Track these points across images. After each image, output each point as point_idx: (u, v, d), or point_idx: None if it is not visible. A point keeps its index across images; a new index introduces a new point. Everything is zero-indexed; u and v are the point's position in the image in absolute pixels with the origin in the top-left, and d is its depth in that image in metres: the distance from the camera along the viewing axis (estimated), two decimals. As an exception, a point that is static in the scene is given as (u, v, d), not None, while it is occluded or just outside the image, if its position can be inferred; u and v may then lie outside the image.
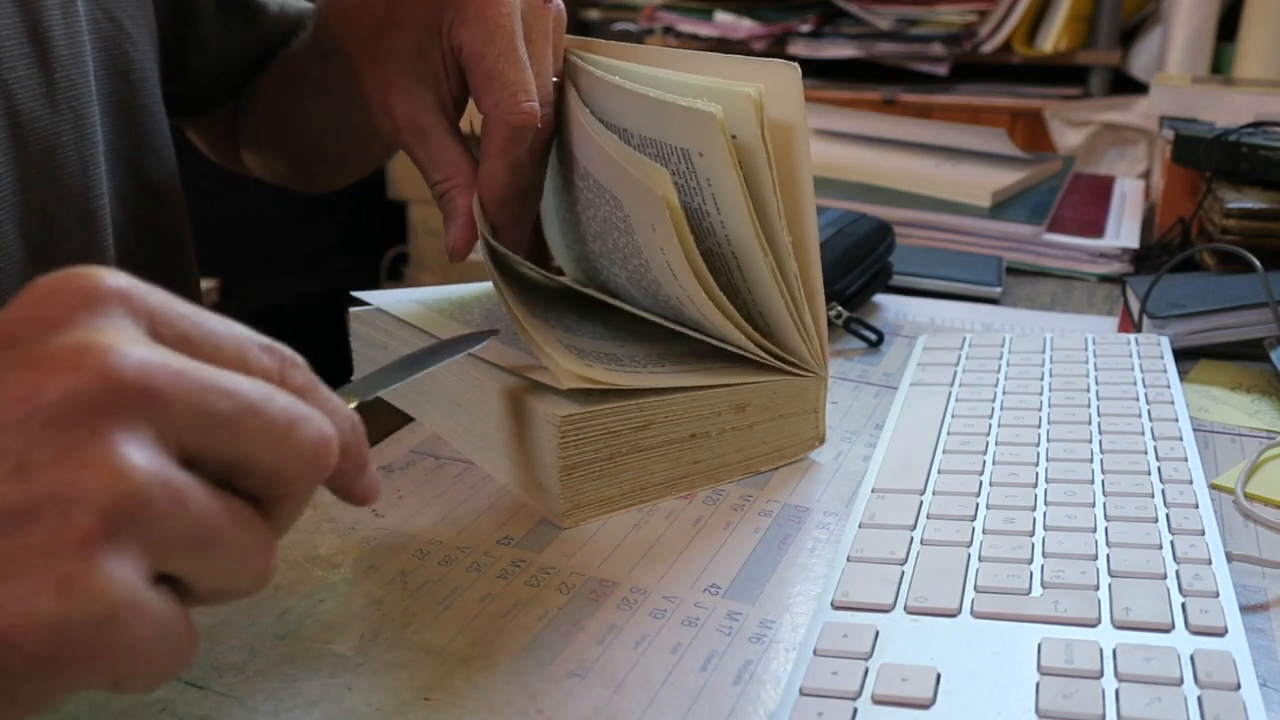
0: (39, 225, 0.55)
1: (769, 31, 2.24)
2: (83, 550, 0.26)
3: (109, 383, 0.27)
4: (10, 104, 0.53)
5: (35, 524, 0.26)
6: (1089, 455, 0.52)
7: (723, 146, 0.47)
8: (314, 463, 0.30)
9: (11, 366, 0.27)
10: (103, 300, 0.28)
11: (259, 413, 0.29)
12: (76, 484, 0.26)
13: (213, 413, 0.28)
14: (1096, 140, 1.99)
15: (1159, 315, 0.70)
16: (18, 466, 0.26)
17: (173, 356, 0.28)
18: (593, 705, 0.38)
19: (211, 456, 0.29)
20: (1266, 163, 0.83)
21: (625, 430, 0.49)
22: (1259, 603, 0.44)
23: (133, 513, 0.26)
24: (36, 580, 0.25)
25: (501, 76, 0.52)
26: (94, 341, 0.27)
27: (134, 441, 0.27)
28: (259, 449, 0.29)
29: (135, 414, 0.27)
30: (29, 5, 0.54)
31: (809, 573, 0.46)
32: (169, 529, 0.27)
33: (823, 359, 0.54)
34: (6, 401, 0.26)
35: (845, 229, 0.78)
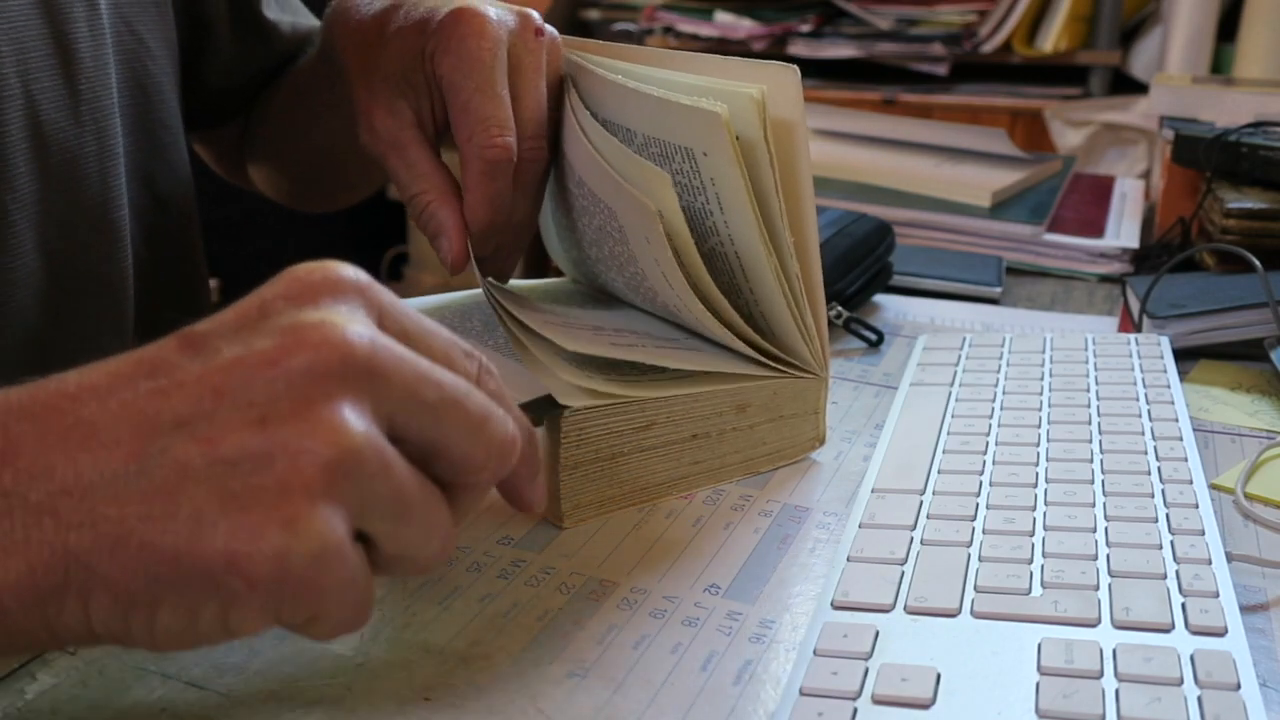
0: (57, 234, 0.55)
1: (769, 31, 2.24)
2: (306, 495, 0.29)
3: (343, 355, 0.30)
4: (34, 114, 0.53)
5: (269, 467, 0.29)
6: (1089, 455, 0.52)
7: (728, 146, 0.47)
8: (500, 456, 0.34)
9: (266, 333, 0.31)
10: (345, 289, 0.33)
11: (459, 404, 0.33)
12: (307, 437, 0.30)
13: (421, 397, 0.32)
14: (1096, 140, 1.99)
15: (1159, 315, 0.70)
16: (261, 417, 0.30)
17: (396, 344, 0.32)
18: (593, 705, 0.38)
19: (415, 436, 0.32)
20: (1266, 163, 0.83)
21: (627, 430, 0.49)
22: (1259, 603, 0.44)
23: (349, 469, 0.30)
24: (265, 515, 0.29)
25: (476, 111, 0.52)
26: (335, 321, 0.31)
27: (356, 409, 0.30)
28: (455, 435, 0.33)
29: (360, 386, 0.31)
30: (56, 17, 0.54)
31: (809, 573, 0.46)
32: (375, 490, 0.31)
33: (824, 359, 0.54)
34: (258, 362, 0.30)
35: (845, 229, 0.78)
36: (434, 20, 0.54)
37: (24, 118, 0.52)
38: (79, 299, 0.57)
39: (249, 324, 0.32)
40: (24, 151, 0.52)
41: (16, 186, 0.52)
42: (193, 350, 0.31)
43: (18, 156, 0.52)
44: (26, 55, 0.52)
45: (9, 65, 0.51)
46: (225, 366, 0.31)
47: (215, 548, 0.29)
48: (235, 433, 0.30)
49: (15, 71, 0.52)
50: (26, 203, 0.53)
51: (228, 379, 0.30)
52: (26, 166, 0.53)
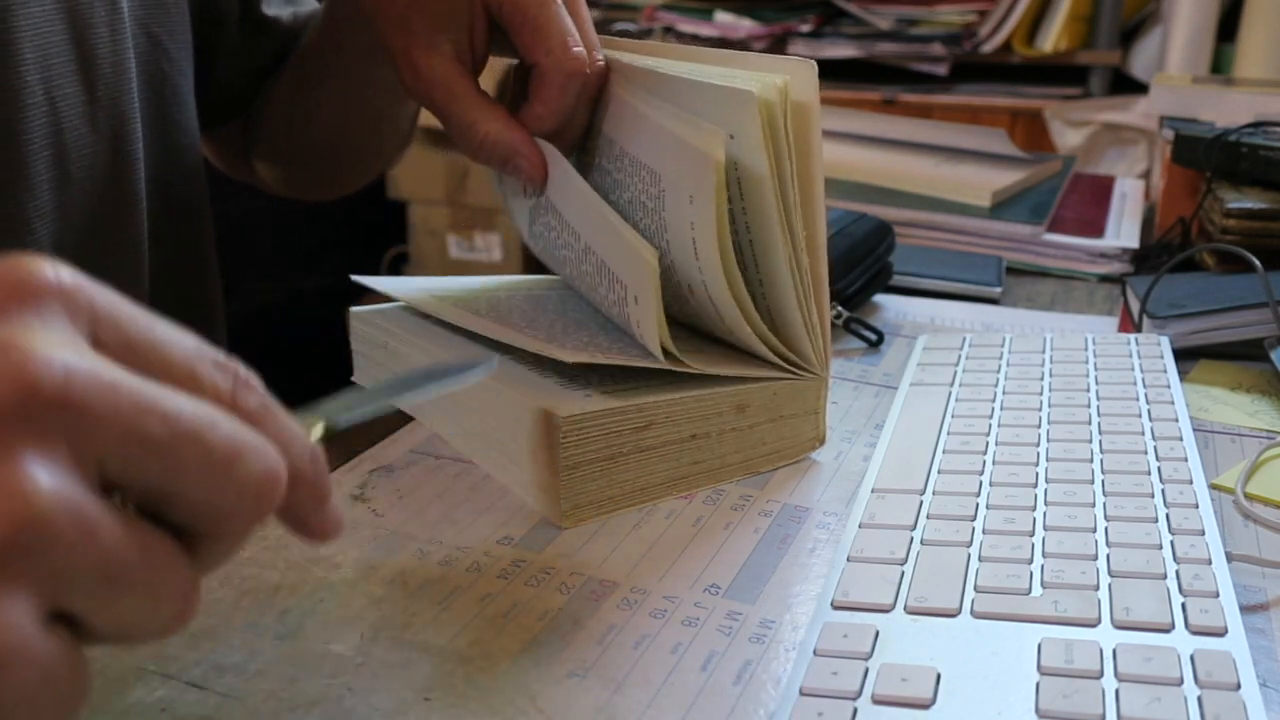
0: (75, 242, 0.55)
1: (769, 31, 2.24)
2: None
3: (25, 391, 0.23)
4: (56, 121, 0.53)
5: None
6: (1089, 455, 0.52)
7: (758, 127, 0.47)
8: (255, 500, 0.27)
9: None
10: (39, 295, 0.25)
11: (198, 440, 0.26)
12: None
13: (144, 436, 0.25)
14: (1096, 140, 1.99)
15: (1159, 315, 0.70)
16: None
17: (106, 367, 0.25)
18: (593, 705, 0.38)
19: (137, 484, 0.26)
20: (1266, 163, 0.83)
21: (626, 430, 0.49)
22: (1259, 603, 0.44)
23: (31, 544, 0.23)
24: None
25: (548, 26, 0.52)
26: (15, 342, 0.24)
27: (43, 462, 0.23)
28: (193, 481, 0.26)
29: (50, 429, 0.24)
30: (78, 22, 0.54)
31: (809, 573, 0.46)
32: (72, 563, 0.24)
33: (825, 359, 0.54)
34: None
35: (845, 229, 0.78)
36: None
37: (46, 125, 0.52)
38: None
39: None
40: (45, 159, 0.53)
41: (37, 194, 0.52)
42: None
43: (39, 164, 0.52)
44: (49, 61, 0.52)
45: (33, 73, 0.51)
46: None
47: None
48: None
49: (40, 79, 0.52)
50: (46, 210, 0.53)
51: None
52: (47, 174, 0.53)
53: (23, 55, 0.51)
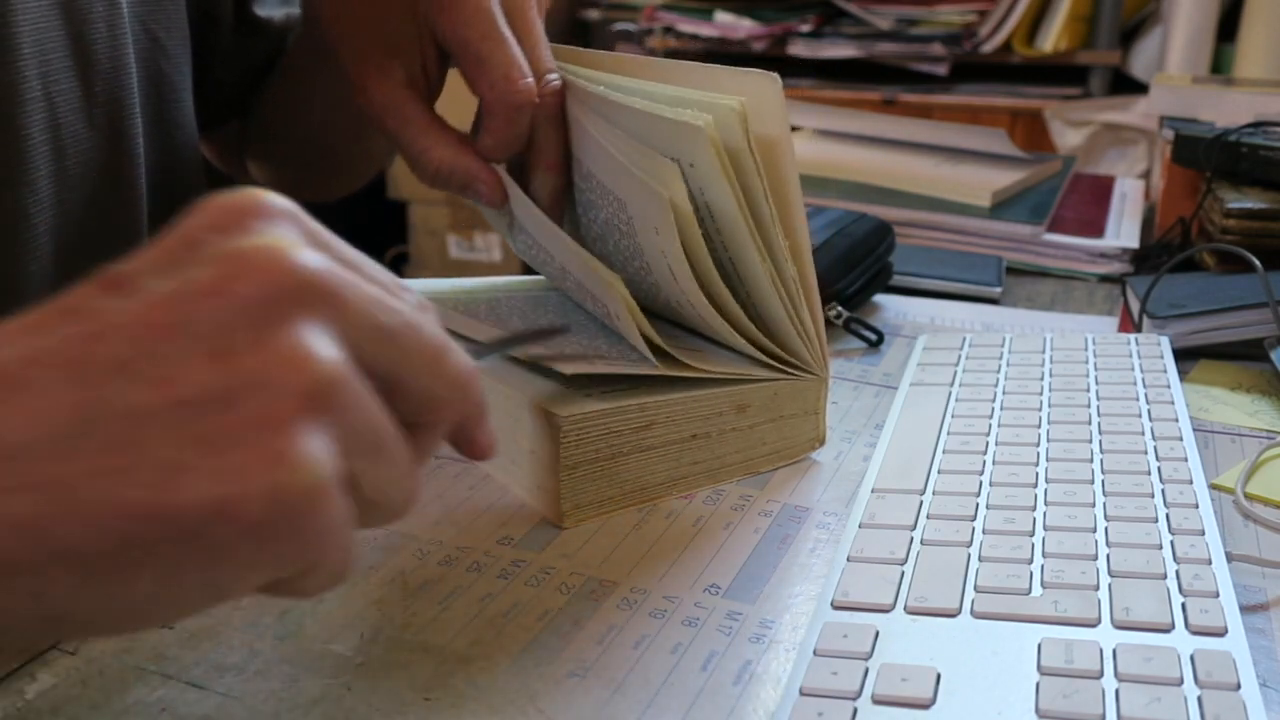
0: (74, 237, 0.55)
1: (769, 31, 2.24)
2: (288, 428, 0.26)
3: (296, 278, 0.27)
4: (54, 117, 0.53)
5: (237, 404, 0.26)
6: (1089, 455, 0.52)
7: (713, 158, 0.47)
8: (462, 391, 0.32)
9: (199, 263, 0.28)
10: (274, 213, 0.29)
11: (417, 332, 0.30)
12: (275, 368, 0.26)
13: (380, 324, 0.29)
14: (1096, 140, 2.00)
15: (1159, 315, 0.70)
16: (214, 351, 0.26)
17: (346, 267, 0.29)
18: (593, 705, 0.38)
19: (377, 367, 0.29)
20: (1266, 163, 0.83)
21: (626, 430, 0.49)
22: (1259, 603, 0.44)
23: (326, 399, 0.27)
24: (248, 454, 0.26)
25: (491, 58, 0.52)
26: (279, 242, 0.28)
27: (321, 333, 0.27)
28: (416, 367, 0.30)
29: (319, 310, 0.28)
30: (75, 17, 0.54)
31: (809, 573, 0.46)
32: (352, 421, 0.28)
33: (823, 360, 0.54)
34: (199, 292, 0.27)
35: (845, 229, 0.78)
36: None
37: (44, 120, 0.52)
38: None
39: (175, 258, 0.28)
40: (44, 154, 0.53)
41: (37, 189, 0.52)
42: (116, 290, 0.27)
43: (38, 159, 0.52)
44: (47, 57, 0.52)
45: (31, 68, 0.51)
46: (161, 302, 0.27)
47: (196, 495, 0.25)
48: (190, 370, 0.26)
49: (37, 74, 0.52)
50: (45, 204, 0.53)
51: (168, 314, 0.27)
52: (45, 169, 0.53)
53: (20, 50, 0.51)
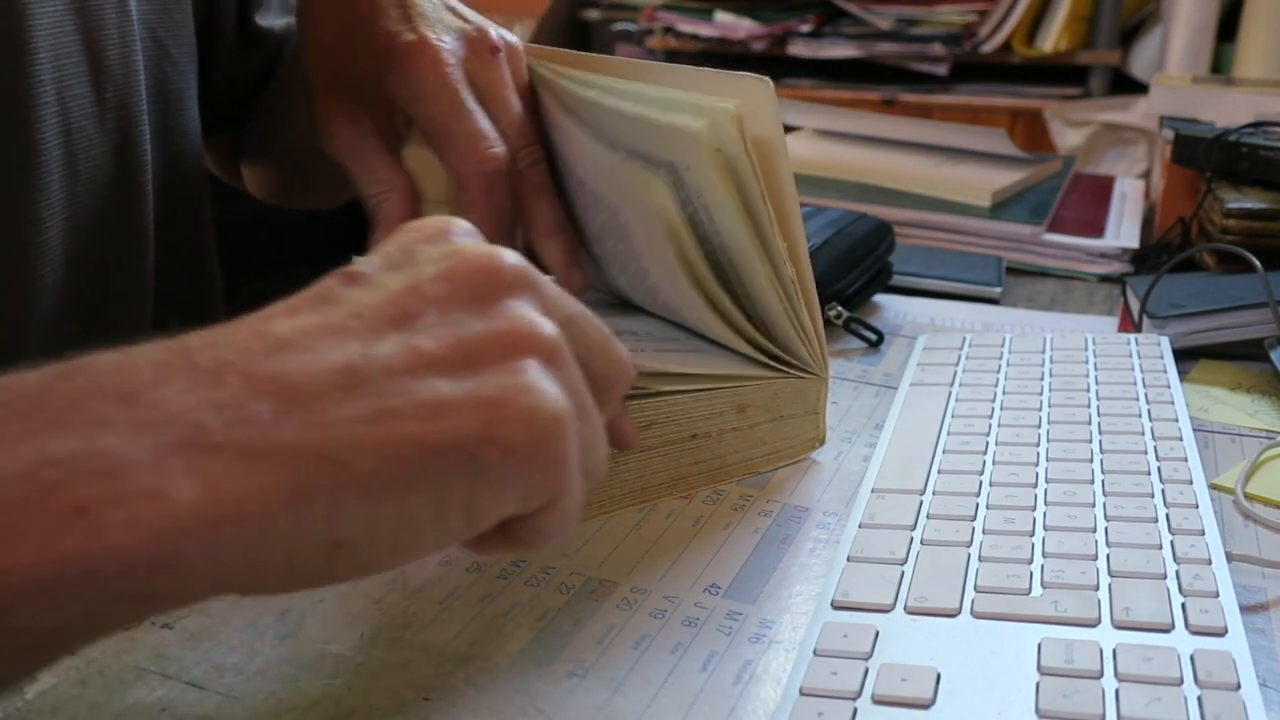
0: (84, 243, 0.55)
1: (769, 31, 2.24)
2: (532, 369, 0.31)
3: (507, 269, 0.33)
4: (66, 122, 0.53)
5: (484, 355, 0.31)
6: (1089, 455, 0.52)
7: (708, 163, 0.47)
8: (626, 374, 0.37)
9: (425, 262, 0.33)
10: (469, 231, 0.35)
11: (593, 321, 0.36)
12: (511, 333, 0.31)
13: (568, 311, 0.34)
14: (1096, 140, 1.99)
15: (1159, 315, 0.70)
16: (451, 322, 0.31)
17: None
18: (593, 705, 0.38)
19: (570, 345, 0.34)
20: (1266, 163, 0.83)
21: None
22: (1259, 603, 0.44)
23: (554, 356, 0.32)
24: (503, 386, 0.30)
25: (457, 131, 0.53)
26: (489, 248, 0.34)
27: (539, 310, 0.33)
28: (594, 349, 0.35)
29: (529, 295, 0.33)
30: (88, 23, 0.54)
31: (809, 573, 0.46)
32: (570, 380, 0.32)
33: (823, 360, 0.54)
34: (430, 279, 0.32)
35: (845, 229, 0.78)
36: (393, 51, 0.54)
37: (57, 124, 0.53)
38: (101, 308, 0.57)
39: (396, 261, 0.33)
40: (56, 158, 0.53)
41: (49, 192, 0.53)
42: (356, 282, 0.32)
43: (50, 162, 0.52)
44: (61, 62, 0.53)
45: (46, 72, 0.52)
46: (401, 288, 0.32)
47: (466, 421, 0.29)
48: (435, 335, 0.31)
49: (52, 79, 0.52)
50: (56, 208, 0.53)
51: (410, 297, 0.32)
52: (57, 173, 0.53)
53: (37, 54, 0.51)
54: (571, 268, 0.58)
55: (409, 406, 0.29)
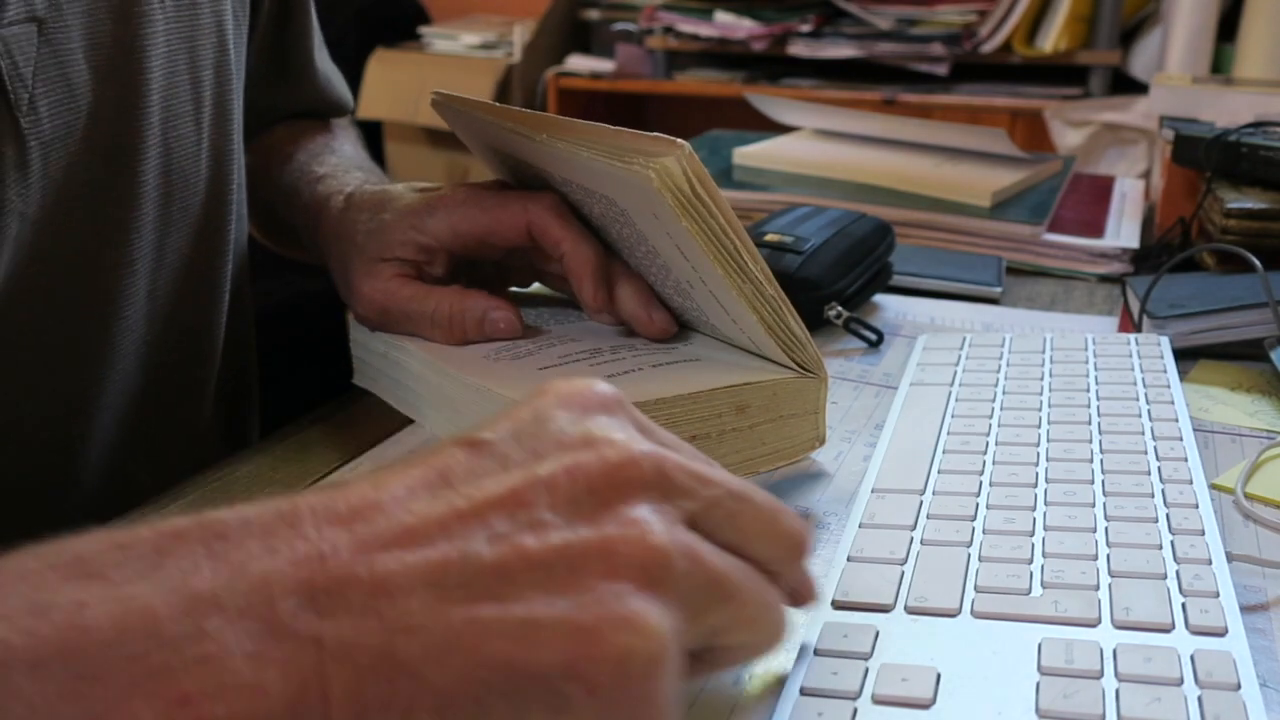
0: (167, 286, 0.57)
1: (769, 31, 2.24)
2: (635, 594, 0.29)
3: (634, 462, 0.31)
4: (167, 163, 0.54)
5: (587, 569, 0.29)
6: (1089, 455, 0.52)
7: (670, 207, 0.47)
8: (800, 546, 0.36)
9: (554, 445, 0.32)
10: (610, 404, 0.34)
11: (747, 499, 0.34)
12: (616, 541, 0.29)
13: (710, 497, 0.33)
14: (1096, 140, 2.00)
15: (1159, 315, 0.70)
16: (567, 523, 0.30)
17: (671, 452, 0.33)
18: (593, 705, 0.38)
19: (718, 537, 0.33)
20: (1266, 163, 0.83)
21: (625, 430, 0.49)
22: (1259, 603, 0.44)
23: (664, 569, 0.29)
24: (601, 614, 0.28)
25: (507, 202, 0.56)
26: (618, 435, 0.32)
27: (654, 512, 0.31)
28: (752, 532, 0.34)
29: (653, 489, 0.31)
30: (195, 63, 0.56)
31: (809, 573, 0.46)
32: (693, 586, 0.30)
33: (819, 361, 0.54)
34: (555, 472, 0.31)
35: (845, 229, 0.78)
36: (423, 202, 0.57)
37: (159, 165, 0.54)
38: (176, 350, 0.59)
39: (526, 429, 0.32)
40: (154, 200, 0.54)
41: (144, 235, 0.54)
42: (480, 455, 0.32)
43: (148, 204, 0.54)
44: (170, 102, 0.54)
45: (156, 113, 0.53)
46: (525, 480, 0.30)
47: (553, 651, 0.28)
48: (546, 537, 0.29)
49: (160, 119, 0.53)
50: (148, 252, 0.55)
51: (528, 489, 0.30)
52: (154, 214, 0.54)
53: (150, 96, 0.52)
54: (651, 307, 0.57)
55: (498, 621, 0.28)
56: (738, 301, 0.51)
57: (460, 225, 0.56)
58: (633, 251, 0.55)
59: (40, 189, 0.48)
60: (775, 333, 0.52)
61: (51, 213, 0.49)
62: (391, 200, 0.58)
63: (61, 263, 0.51)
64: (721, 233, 0.48)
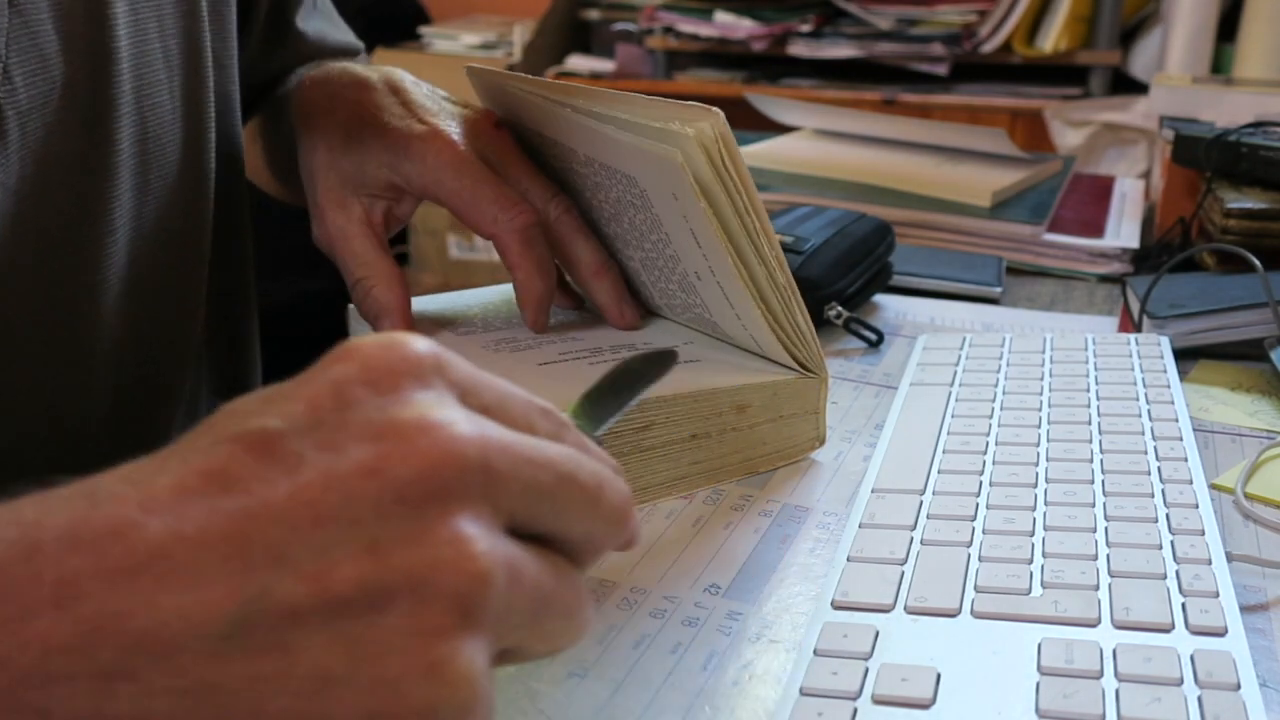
0: (149, 249, 0.56)
1: (769, 31, 2.24)
2: (444, 636, 0.25)
3: (455, 463, 0.26)
4: (143, 130, 0.54)
5: (392, 606, 0.25)
6: (1089, 455, 0.52)
7: (688, 186, 0.47)
8: (620, 524, 0.31)
9: (355, 437, 0.26)
10: (426, 371, 0.28)
11: (573, 480, 0.29)
12: (429, 567, 0.25)
13: (538, 486, 0.28)
14: (1096, 140, 1.99)
15: (1159, 315, 0.70)
16: (371, 543, 0.25)
17: (499, 431, 0.28)
18: (593, 705, 0.38)
19: (534, 527, 0.29)
20: (1266, 163, 0.83)
21: (626, 431, 0.49)
22: (1259, 603, 0.44)
23: (482, 596, 0.26)
24: (404, 663, 0.25)
25: (484, 197, 0.55)
26: (437, 419, 0.27)
27: (477, 522, 0.26)
28: (575, 518, 0.29)
29: (477, 493, 0.27)
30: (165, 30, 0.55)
31: (809, 573, 0.46)
32: (509, 607, 0.27)
33: (820, 360, 0.54)
34: (356, 474, 0.26)
35: (845, 229, 0.78)
36: (405, 143, 0.56)
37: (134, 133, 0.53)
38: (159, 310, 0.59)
39: (323, 417, 0.27)
40: (131, 167, 0.54)
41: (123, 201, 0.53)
42: (268, 456, 0.26)
43: (125, 171, 0.53)
44: (142, 70, 0.54)
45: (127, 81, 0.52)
46: (318, 481, 0.26)
47: (347, 709, 0.24)
48: (346, 565, 0.25)
49: (132, 87, 0.53)
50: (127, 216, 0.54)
51: (324, 495, 0.25)
52: (130, 180, 0.54)
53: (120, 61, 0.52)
54: (623, 304, 0.59)
55: (293, 674, 0.24)
56: (744, 293, 0.51)
57: (432, 188, 0.56)
58: (642, 242, 0.55)
59: (19, 159, 0.48)
60: (780, 325, 0.51)
61: (32, 183, 0.49)
62: (376, 113, 0.58)
63: (44, 233, 0.51)
64: (744, 209, 0.48)
